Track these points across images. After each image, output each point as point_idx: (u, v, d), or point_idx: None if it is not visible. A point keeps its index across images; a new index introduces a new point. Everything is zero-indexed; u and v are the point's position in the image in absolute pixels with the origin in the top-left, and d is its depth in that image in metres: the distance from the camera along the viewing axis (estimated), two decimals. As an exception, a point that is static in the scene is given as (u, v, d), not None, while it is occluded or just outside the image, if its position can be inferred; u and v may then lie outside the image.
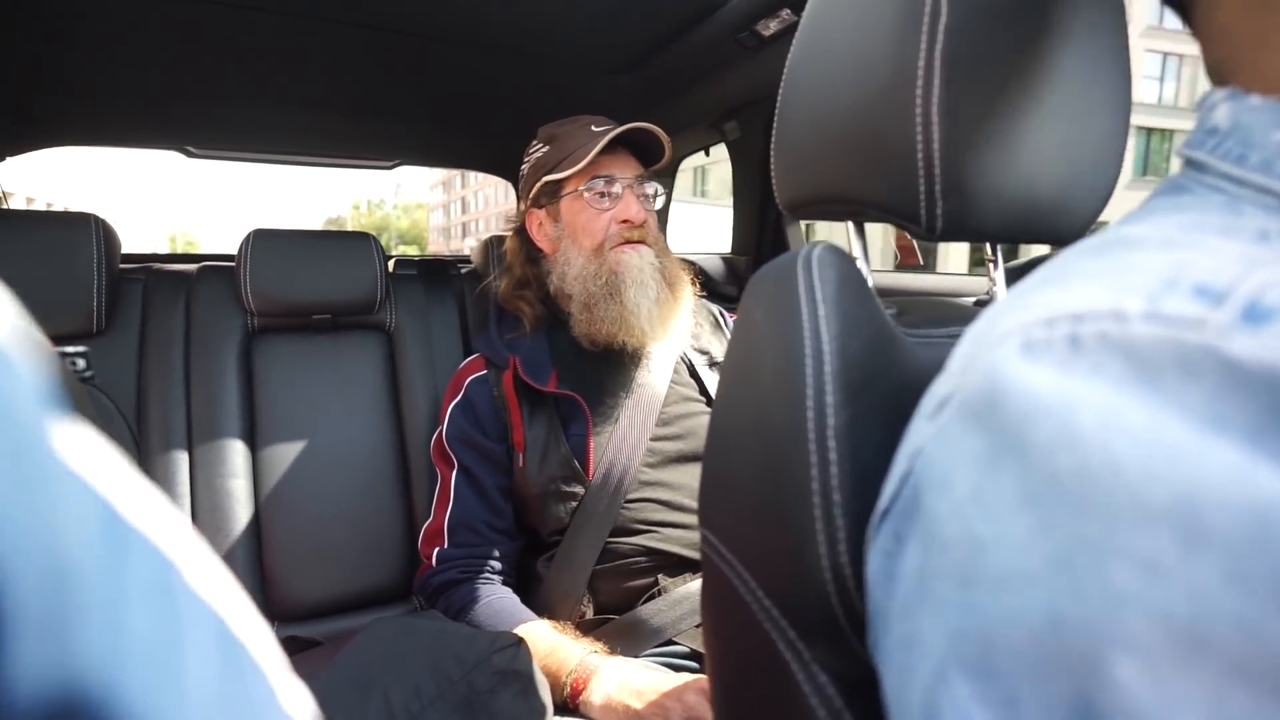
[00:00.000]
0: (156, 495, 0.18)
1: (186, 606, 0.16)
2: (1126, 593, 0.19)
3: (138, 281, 1.21)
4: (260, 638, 0.19)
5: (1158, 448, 0.19)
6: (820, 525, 0.33)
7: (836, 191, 0.47)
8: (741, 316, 0.44)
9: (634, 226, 1.03)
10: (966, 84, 0.38)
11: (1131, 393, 0.21)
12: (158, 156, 67.87)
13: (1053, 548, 0.20)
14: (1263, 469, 0.18)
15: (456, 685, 0.66)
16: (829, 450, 0.33)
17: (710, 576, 0.42)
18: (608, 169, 1.04)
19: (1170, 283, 0.22)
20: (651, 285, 1.02)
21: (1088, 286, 0.24)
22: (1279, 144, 0.25)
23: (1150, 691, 0.18)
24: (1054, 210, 0.43)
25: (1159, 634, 0.18)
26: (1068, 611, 0.19)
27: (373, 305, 1.27)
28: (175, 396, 1.15)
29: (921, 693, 0.23)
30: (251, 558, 1.12)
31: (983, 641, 0.21)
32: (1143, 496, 0.19)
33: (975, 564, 0.22)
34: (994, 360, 0.24)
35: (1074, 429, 0.21)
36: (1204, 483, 0.18)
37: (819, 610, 0.33)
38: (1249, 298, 0.20)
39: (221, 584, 0.18)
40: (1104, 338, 0.22)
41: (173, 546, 0.17)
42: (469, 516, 1.01)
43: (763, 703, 0.38)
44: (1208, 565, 0.18)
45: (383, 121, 1.53)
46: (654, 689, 0.80)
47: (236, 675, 0.17)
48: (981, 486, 0.23)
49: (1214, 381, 0.19)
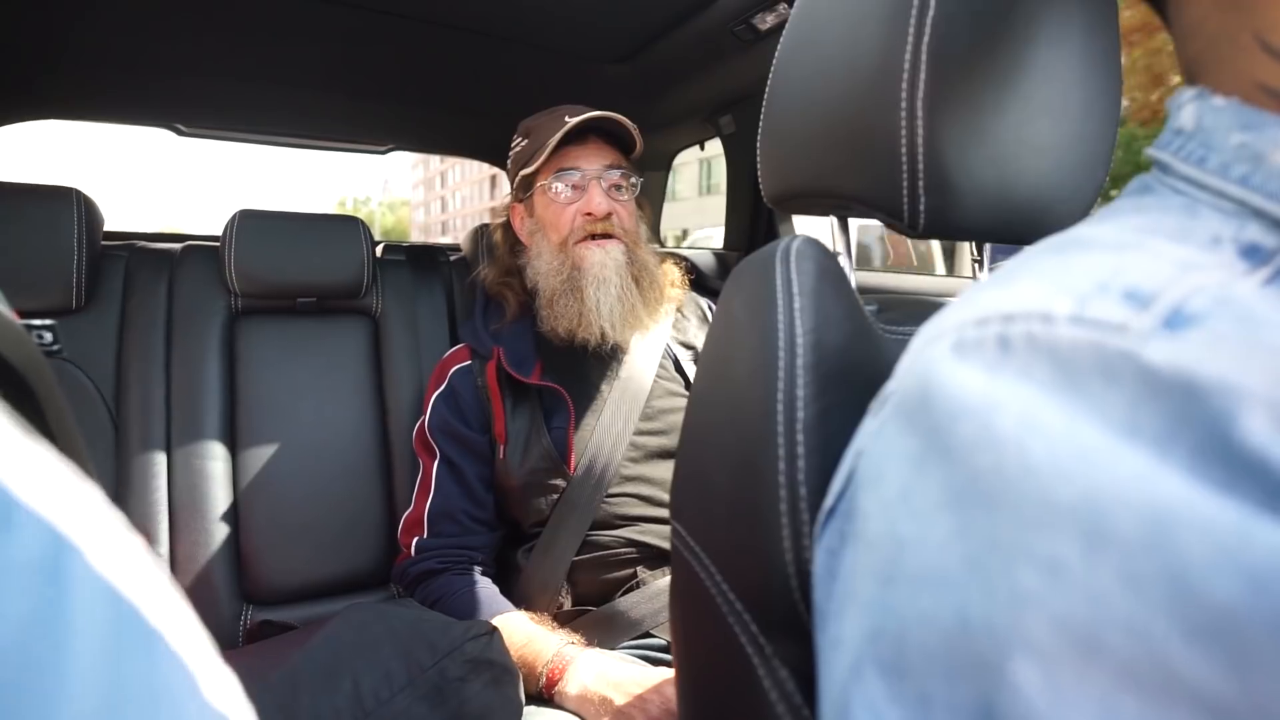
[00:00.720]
0: (65, 473, 0.17)
1: (81, 589, 0.15)
2: (1030, 594, 0.19)
3: (120, 259, 1.19)
4: (184, 625, 0.18)
5: (1071, 450, 0.19)
6: (786, 519, 0.33)
7: (821, 185, 0.46)
8: (721, 307, 0.44)
9: (596, 220, 1.01)
10: (952, 78, 0.37)
11: (1053, 396, 0.20)
12: (142, 142, 66.49)
13: (968, 548, 0.20)
14: (1167, 475, 0.18)
15: (428, 673, 0.65)
16: (797, 444, 0.33)
17: (678, 569, 0.42)
18: (573, 161, 1.02)
19: (1102, 286, 0.22)
20: (614, 281, 0.99)
21: (1025, 285, 0.24)
22: (1237, 147, 0.25)
23: (1045, 696, 0.18)
24: (1037, 210, 0.42)
25: (1057, 637, 0.18)
26: (976, 612, 0.19)
27: (359, 290, 1.26)
28: (155, 376, 1.14)
29: (839, 690, 0.23)
30: (229, 540, 1.11)
31: (898, 641, 0.21)
32: (1051, 497, 0.19)
33: (896, 563, 0.22)
34: (928, 359, 0.24)
35: (994, 430, 0.21)
36: (1110, 485, 0.18)
37: (782, 605, 0.33)
38: (1174, 303, 0.20)
39: (139, 569, 0.18)
40: (1031, 339, 0.22)
41: (74, 526, 0.16)
42: (449, 507, 1.01)
43: (724, 696, 0.38)
44: (1106, 567, 0.18)
45: (376, 104, 1.52)
46: (632, 681, 0.80)
47: (145, 662, 0.16)
48: (909, 486, 0.23)
49: (1131, 387, 0.19)
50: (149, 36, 1.14)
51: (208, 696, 0.18)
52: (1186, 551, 0.17)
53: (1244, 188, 0.24)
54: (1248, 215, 0.24)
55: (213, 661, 0.19)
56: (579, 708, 0.81)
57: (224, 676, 0.19)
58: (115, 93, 1.37)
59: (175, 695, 0.17)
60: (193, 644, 0.18)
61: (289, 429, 1.18)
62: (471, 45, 1.21)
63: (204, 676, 0.18)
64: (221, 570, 1.10)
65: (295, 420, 1.19)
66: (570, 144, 1.00)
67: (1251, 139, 0.24)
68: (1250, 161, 0.24)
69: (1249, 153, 0.24)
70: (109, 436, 1.10)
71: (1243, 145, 0.25)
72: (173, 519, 1.09)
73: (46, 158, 48.43)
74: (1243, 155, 0.25)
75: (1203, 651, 0.16)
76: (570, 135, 0.98)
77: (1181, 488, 0.17)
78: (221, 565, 1.10)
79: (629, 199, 1.06)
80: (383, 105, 1.52)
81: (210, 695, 0.18)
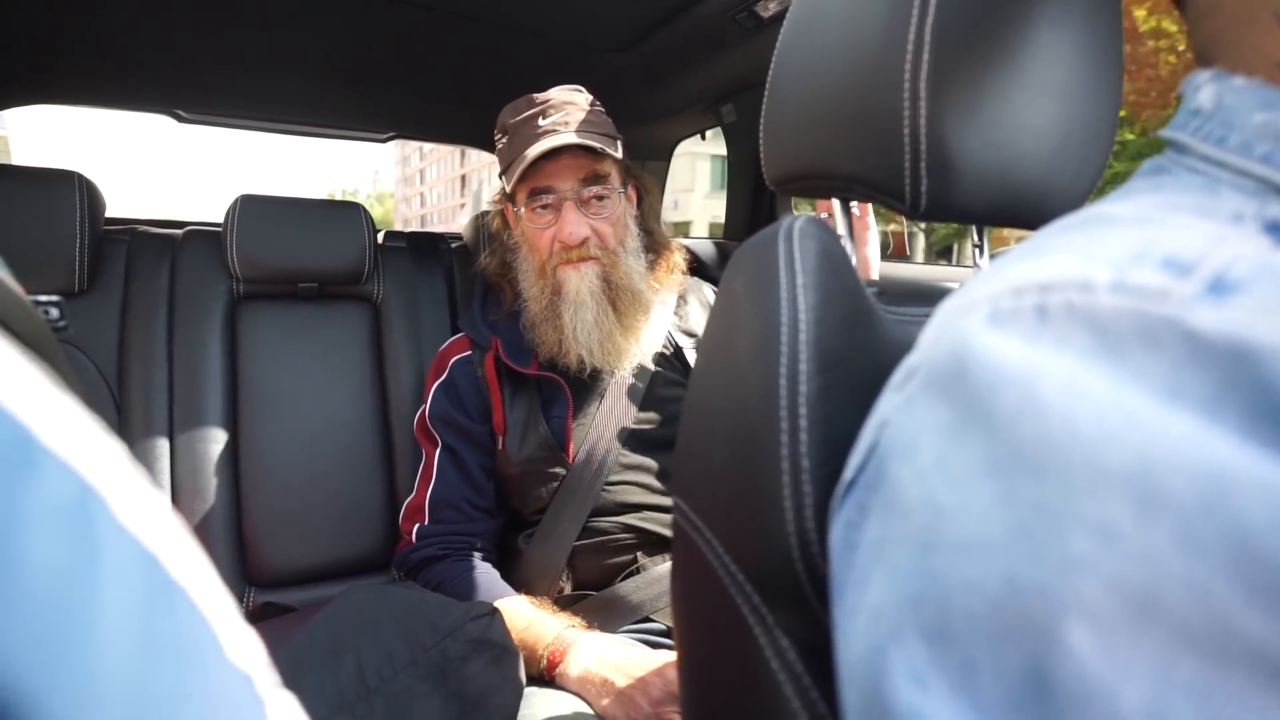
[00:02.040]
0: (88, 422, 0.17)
1: (108, 538, 0.15)
2: (1082, 558, 0.19)
3: (121, 243, 1.19)
4: (206, 582, 0.18)
5: (1117, 416, 0.19)
6: (788, 491, 0.33)
7: (823, 167, 0.47)
8: (723, 288, 0.44)
9: (570, 247, 0.98)
10: (956, 59, 0.38)
11: (1095, 363, 0.21)
12: (137, 129, 66.15)
13: (1013, 515, 0.20)
14: (1218, 438, 0.18)
15: (429, 652, 0.66)
16: (800, 417, 0.33)
17: (680, 544, 0.43)
18: (546, 179, 0.97)
19: (1138, 255, 0.22)
20: (590, 305, 0.98)
21: (1058, 257, 0.24)
22: (1259, 126, 0.25)
23: (1101, 658, 0.18)
24: (1038, 193, 0.43)
25: (1112, 600, 0.18)
26: (1025, 578, 0.20)
27: (360, 276, 1.26)
28: (157, 360, 1.14)
29: (871, 656, 0.24)
30: (230, 523, 1.12)
31: (941, 607, 0.21)
32: (1101, 463, 0.19)
33: (936, 531, 0.22)
34: (962, 330, 0.24)
35: (1038, 398, 0.21)
36: (1161, 450, 0.18)
37: (784, 576, 0.33)
38: (1216, 270, 0.20)
39: (162, 523, 0.17)
40: (1070, 308, 0.22)
41: (99, 476, 0.16)
42: (450, 494, 1.01)
43: (726, 667, 0.38)
44: (1161, 530, 0.18)
45: (377, 92, 1.51)
46: (633, 663, 0.81)
47: (168, 616, 0.16)
48: (947, 455, 0.23)
49: (1175, 352, 0.19)
50: (151, 22, 1.13)
51: (229, 654, 0.18)
52: (1245, 513, 0.17)
53: (1267, 165, 0.24)
54: (1270, 193, 0.24)
55: (235, 620, 0.19)
56: (580, 689, 0.82)
57: (246, 636, 0.19)
58: (116, 78, 1.37)
59: (199, 650, 0.17)
60: (215, 602, 0.18)
61: (290, 413, 1.19)
62: (472, 33, 1.21)
63: (226, 634, 0.18)
64: (224, 553, 1.10)
65: (296, 404, 1.20)
66: (545, 159, 0.95)
67: (1274, 117, 0.25)
68: (1273, 139, 0.25)
69: (1272, 131, 0.25)
70: (112, 419, 1.11)
71: (1266, 123, 0.25)
72: (175, 502, 1.09)
73: (36, 145, 48.24)
74: (1265, 133, 0.25)
75: (1264, 612, 0.16)
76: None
77: (1235, 450, 0.18)
78: (224, 548, 1.11)
79: (611, 209, 1.01)
80: (383, 93, 1.52)
81: (232, 653, 0.18)
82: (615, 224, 1.02)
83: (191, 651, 0.17)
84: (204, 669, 0.17)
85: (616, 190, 1.02)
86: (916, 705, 0.21)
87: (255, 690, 0.19)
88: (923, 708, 0.21)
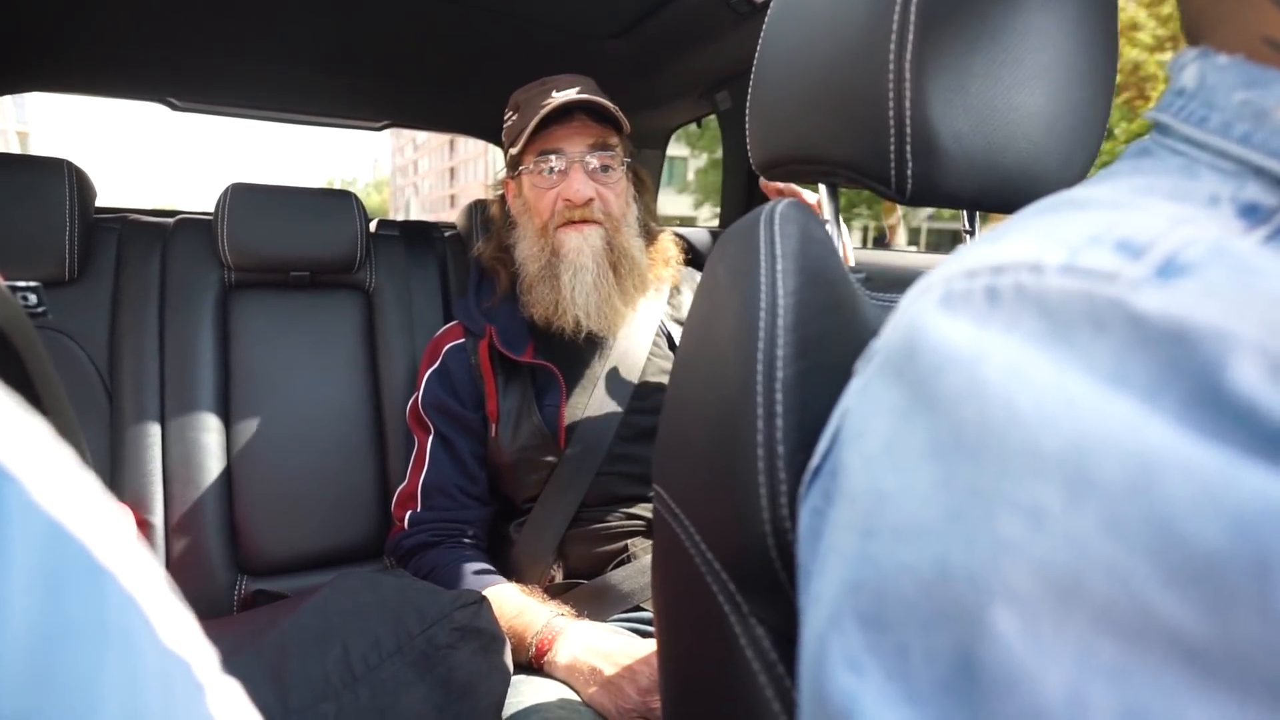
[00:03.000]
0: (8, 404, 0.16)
1: (19, 521, 0.15)
2: (1011, 542, 0.19)
3: (112, 231, 1.18)
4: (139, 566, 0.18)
5: (1058, 399, 0.19)
6: (763, 478, 0.33)
7: (809, 152, 0.46)
8: (706, 273, 0.44)
9: (575, 206, 0.98)
10: (942, 40, 0.37)
11: (1041, 346, 0.20)
12: (131, 117, 65.67)
13: (950, 499, 0.20)
14: (1153, 422, 0.18)
15: (416, 640, 0.66)
16: (776, 403, 0.33)
17: (660, 532, 0.42)
18: (556, 142, 0.99)
19: (1094, 238, 0.22)
20: (590, 268, 0.98)
21: (1017, 239, 0.24)
22: (1240, 105, 0.24)
23: (1025, 643, 0.18)
24: (1027, 178, 0.42)
25: (1037, 584, 0.18)
26: (957, 562, 0.19)
27: (352, 264, 1.26)
28: (149, 349, 1.14)
29: (815, 643, 0.23)
30: (222, 511, 1.12)
31: (877, 593, 0.21)
32: (1035, 446, 0.19)
33: (877, 515, 0.22)
34: (915, 312, 0.24)
35: (980, 380, 0.21)
36: (1096, 433, 0.18)
37: (759, 563, 0.33)
38: (1167, 253, 0.20)
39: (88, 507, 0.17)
40: (1020, 290, 0.22)
41: (12, 456, 0.15)
42: (443, 481, 1.01)
43: (703, 656, 0.38)
44: (1088, 513, 0.18)
45: (371, 80, 1.50)
46: (622, 652, 0.81)
47: (90, 600, 0.16)
48: (894, 439, 0.23)
49: (1120, 336, 0.19)
50: (145, 9, 1.12)
51: (165, 639, 0.18)
52: (1171, 496, 0.17)
53: (1245, 146, 0.24)
54: (1248, 174, 0.24)
55: (171, 606, 0.19)
56: (568, 677, 0.82)
57: (184, 621, 0.19)
58: (110, 66, 1.36)
59: (128, 634, 0.17)
60: (148, 587, 0.18)
61: (283, 402, 1.18)
62: (467, 20, 1.20)
63: (160, 619, 0.18)
64: (216, 541, 1.10)
65: (289, 393, 1.19)
66: (555, 123, 0.97)
67: (1255, 96, 0.24)
68: (1253, 119, 0.24)
69: (1251, 110, 0.24)
70: (103, 408, 1.11)
71: (1245, 103, 0.24)
72: (167, 490, 1.09)
73: (56, 141, 48.07)
74: (1245, 113, 0.24)
75: (1181, 594, 0.16)
76: (556, 113, 0.96)
77: (1168, 435, 0.17)
78: (215, 536, 1.11)
79: (616, 180, 1.03)
80: (378, 81, 1.51)
81: (168, 638, 0.18)
82: (619, 195, 1.03)
83: (119, 636, 0.16)
84: (131, 654, 0.17)
85: (622, 163, 1.03)
86: (851, 690, 0.21)
87: (193, 674, 0.18)
88: (857, 693, 0.21)
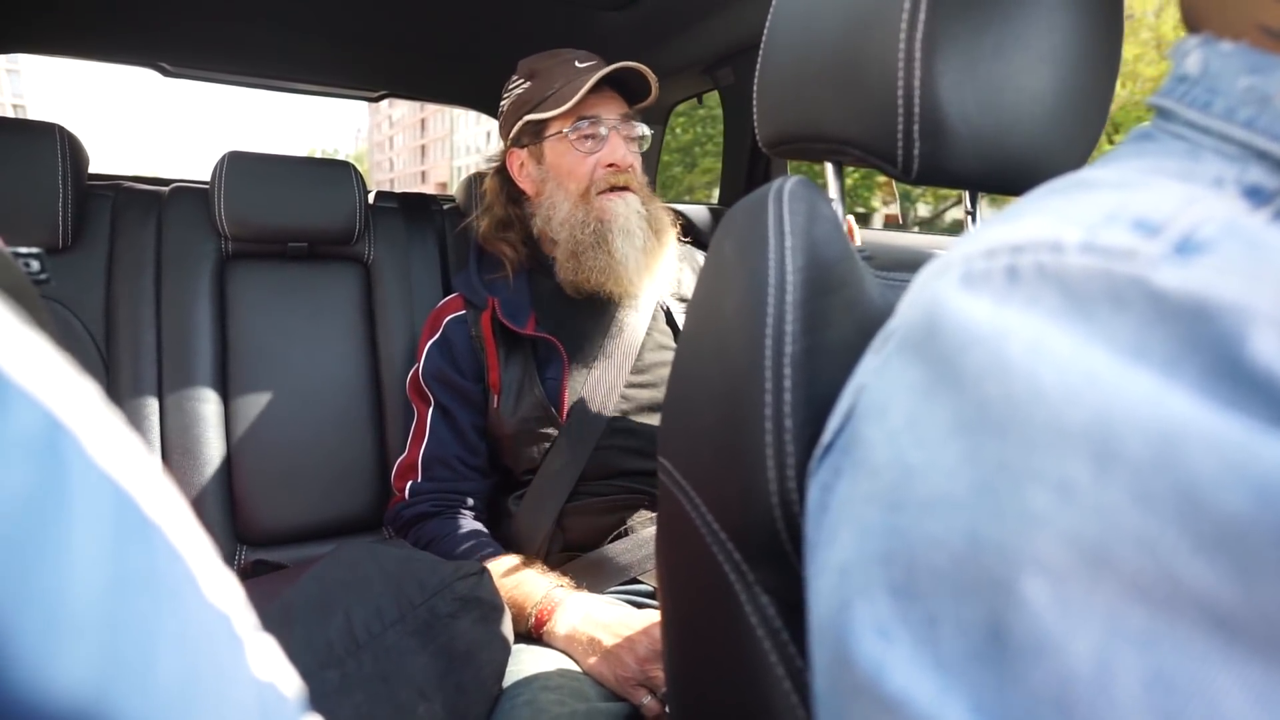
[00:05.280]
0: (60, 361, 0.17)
1: (78, 473, 0.15)
2: (1041, 514, 0.19)
3: (106, 198, 1.17)
4: (183, 523, 0.18)
5: (1080, 374, 0.20)
6: (771, 451, 0.33)
7: (816, 130, 0.46)
8: (712, 249, 0.44)
9: (619, 171, 1.00)
10: (953, 20, 0.37)
11: (1063, 323, 0.21)
12: (118, 81, 64.60)
13: (978, 473, 0.21)
14: (1175, 396, 0.18)
15: (418, 609, 0.67)
16: (784, 377, 0.34)
17: (665, 503, 0.43)
18: (593, 109, 1.00)
19: (1110, 216, 0.22)
20: (638, 234, 0.99)
21: (1033, 219, 0.24)
22: (1244, 90, 0.25)
23: (1054, 611, 0.18)
24: (1031, 160, 0.42)
25: (1067, 554, 0.19)
26: (986, 534, 0.20)
27: (351, 236, 1.25)
28: (145, 318, 1.13)
29: (839, 611, 0.24)
30: (221, 482, 1.12)
31: (907, 563, 0.22)
32: (1061, 420, 0.19)
33: (904, 489, 0.23)
34: (935, 291, 0.25)
35: (1004, 358, 0.21)
36: (1119, 407, 0.19)
37: (765, 535, 0.34)
38: (1184, 231, 0.21)
39: (137, 464, 0.17)
40: (1040, 268, 0.22)
41: (69, 413, 0.16)
42: (444, 452, 1.02)
43: (708, 624, 0.39)
44: (1117, 485, 0.18)
45: (369, 49, 1.48)
46: (620, 622, 0.82)
47: (143, 553, 0.16)
48: (917, 415, 0.23)
49: (1140, 312, 0.20)
50: None
51: (208, 594, 0.18)
52: (1195, 467, 0.17)
53: (1249, 130, 0.24)
54: (1251, 158, 0.24)
55: (213, 561, 0.19)
56: (567, 647, 0.84)
57: (225, 577, 0.19)
58: (101, 28, 1.33)
59: (176, 589, 0.17)
60: (192, 542, 0.18)
61: (281, 373, 1.18)
62: None
63: (204, 574, 0.18)
64: (215, 511, 1.11)
65: (287, 364, 1.19)
66: (589, 92, 0.98)
67: (1260, 81, 0.25)
68: (1257, 104, 0.25)
69: (1256, 95, 0.25)
70: (100, 377, 1.10)
71: (1250, 88, 0.25)
72: (165, 460, 1.10)
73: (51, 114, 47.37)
74: (1250, 98, 0.25)
75: (1209, 561, 0.17)
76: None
77: (1190, 407, 0.18)
78: (214, 506, 1.11)
79: (640, 151, 1.06)
80: (375, 49, 1.48)
81: (210, 593, 0.18)
82: (641, 167, 1.05)
83: (167, 589, 0.17)
84: (180, 607, 0.17)
85: (643, 138, 1.06)
86: (879, 657, 0.22)
87: (234, 629, 0.19)
88: (885, 659, 0.22)
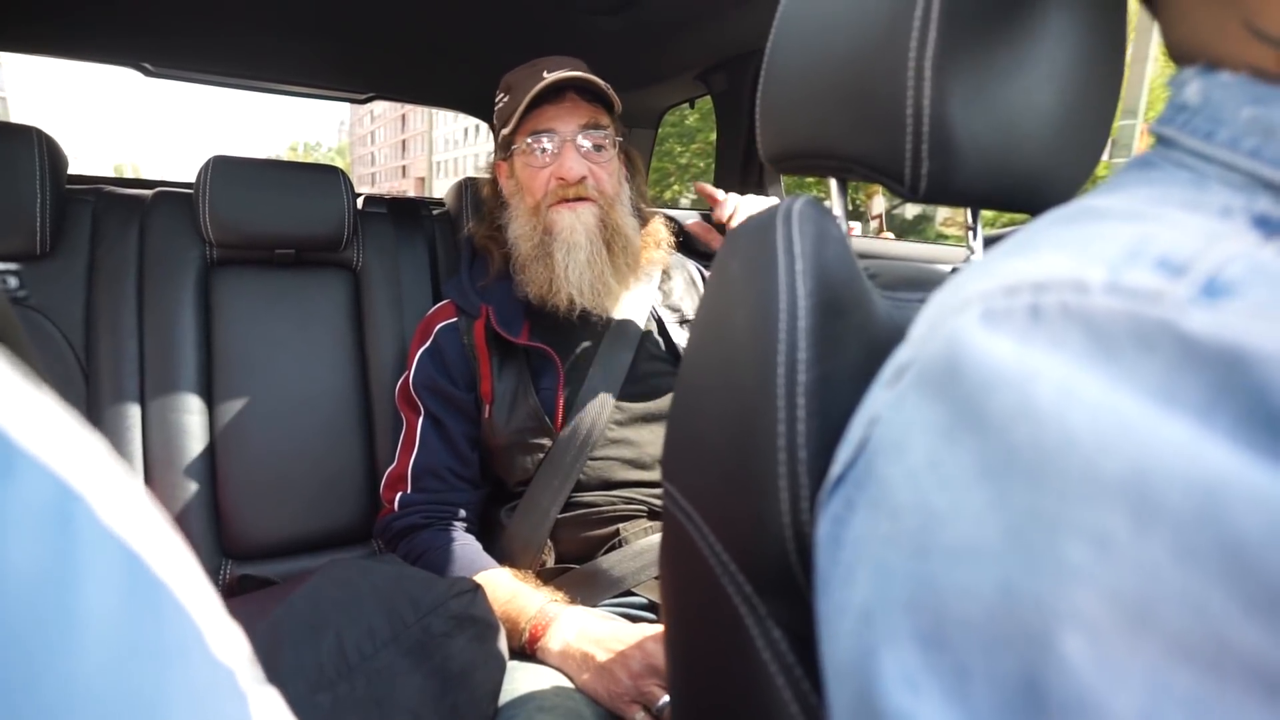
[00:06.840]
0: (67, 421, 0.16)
1: (89, 541, 0.15)
2: (1078, 568, 0.18)
3: (86, 203, 1.14)
4: (189, 575, 0.18)
5: (1112, 422, 0.19)
6: (784, 482, 0.32)
7: (821, 146, 0.45)
8: (717, 268, 0.43)
9: (568, 185, 0.99)
10: (964, 39, 0.36)
11: (1089, 365, 0.20)
12: (105, 76, 64.07)
13: (1008, 521, 0.20)
14: (1211, 446, 0.18)
15: (411, 628, 0.66)
16: (798, 407, 0.33)
17: (670, 530, 0.42)
18: (548, 122, 0.99)
19: (1133, 254, 0.22)
20: (583, 246, 0.98)
21: (1051, 255, 0.24)
22: (1248, 120, 0.25)
23: (1095, 668, 0.18)
24: (1037, 179, 0.42)
25: (1108, 610, 0.18)
26: (1020, 585, 0.19)
27: (339, 242, 1.23)
28: (127, 327, 1.10)
29: (863, 657, 0.23)
30: (206, 495, 1.10)
31: (935, 612, 0.21)
32: (1096, 470, 0.19)
33: (930, 534, 0.22)
34: (955, 328, 0.24)
35: (1032, 401, 0.20)
36: (1155, 457, 0.18)
37: (777, 566, 0.33)
38: (1209, 272, 0.20)
39: (144, 519, 0.17)
40: (1065, 309, 0.22)
41: (79, 477, 0.15)
42: (434, 462, 1.01)
43: (716, 655, 0.38)
44: (1158, 541, 0.17)
45: (357, 51, 1.46)
46: (614, 637, 0.81)
47: (152, 616, 0.16)
48: (938, 456, 0.23)
49: (1169, 356, 0.19)
50: None
51: (213, 649, 0.18)
52: (1240, 524, 0.17)
53: (1255, 160, 0.24)
54: (1258, 187, 0.24)
55: (217, 613, 0.19)
56: (561, 664, 0.83)
57: (228, 628, 0.19)
58: (83, 29, 1.30)
59: (183, 648, 0.17)
60: (198, 595, 0.18)
61: (267, 382, 1.16)
62: None
63: (209, 629, 0.18)
64: (199, 525, 1.09)
65: (274, 373, 1.17)
66: (547, 102, 0.97)
67: (1263, 112, 0.25)
68: (1262, 134, 0.24)
69: (1261, 126, 0.25)
70: (79, 387, 1.08)
71: (1254, 119, 0.25)
72: (148, 473, 1.07)
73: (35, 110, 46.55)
74: (1254, 128, 0.25)
75: (1262, 624, 0.16)
76: (547, 93, 0.95)
77: (1229, 458, 0.17)
78: (199, 520, 1.09)
79: (609, 159, 1.03)
80: (364, 51, 1.47)
81: (215, 648, 0.18)
82: (611, 175, 1.03)
83: (176, 650, 0.17)
84: (188, 666, 0.17)
85: (613, 142, 1.03)
86: (909, 709, 0.21)
87: (238, 684, 0.18)
88: (915, 711, 0.21)
